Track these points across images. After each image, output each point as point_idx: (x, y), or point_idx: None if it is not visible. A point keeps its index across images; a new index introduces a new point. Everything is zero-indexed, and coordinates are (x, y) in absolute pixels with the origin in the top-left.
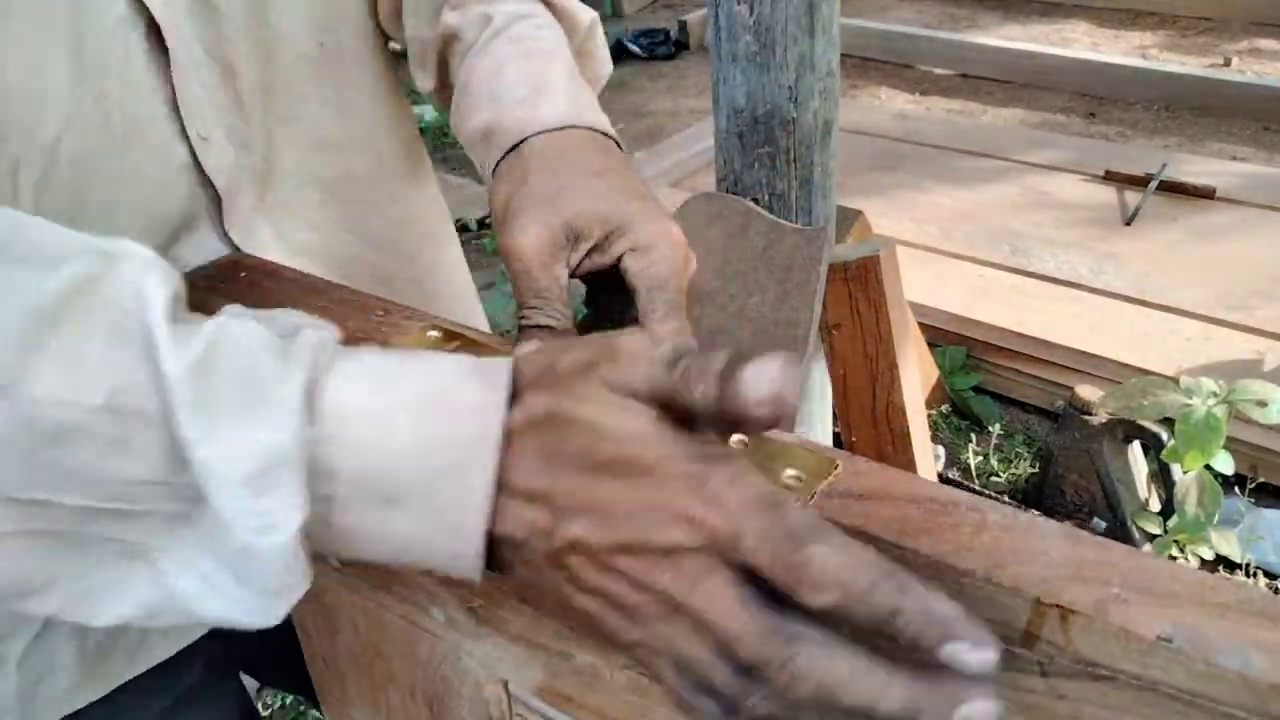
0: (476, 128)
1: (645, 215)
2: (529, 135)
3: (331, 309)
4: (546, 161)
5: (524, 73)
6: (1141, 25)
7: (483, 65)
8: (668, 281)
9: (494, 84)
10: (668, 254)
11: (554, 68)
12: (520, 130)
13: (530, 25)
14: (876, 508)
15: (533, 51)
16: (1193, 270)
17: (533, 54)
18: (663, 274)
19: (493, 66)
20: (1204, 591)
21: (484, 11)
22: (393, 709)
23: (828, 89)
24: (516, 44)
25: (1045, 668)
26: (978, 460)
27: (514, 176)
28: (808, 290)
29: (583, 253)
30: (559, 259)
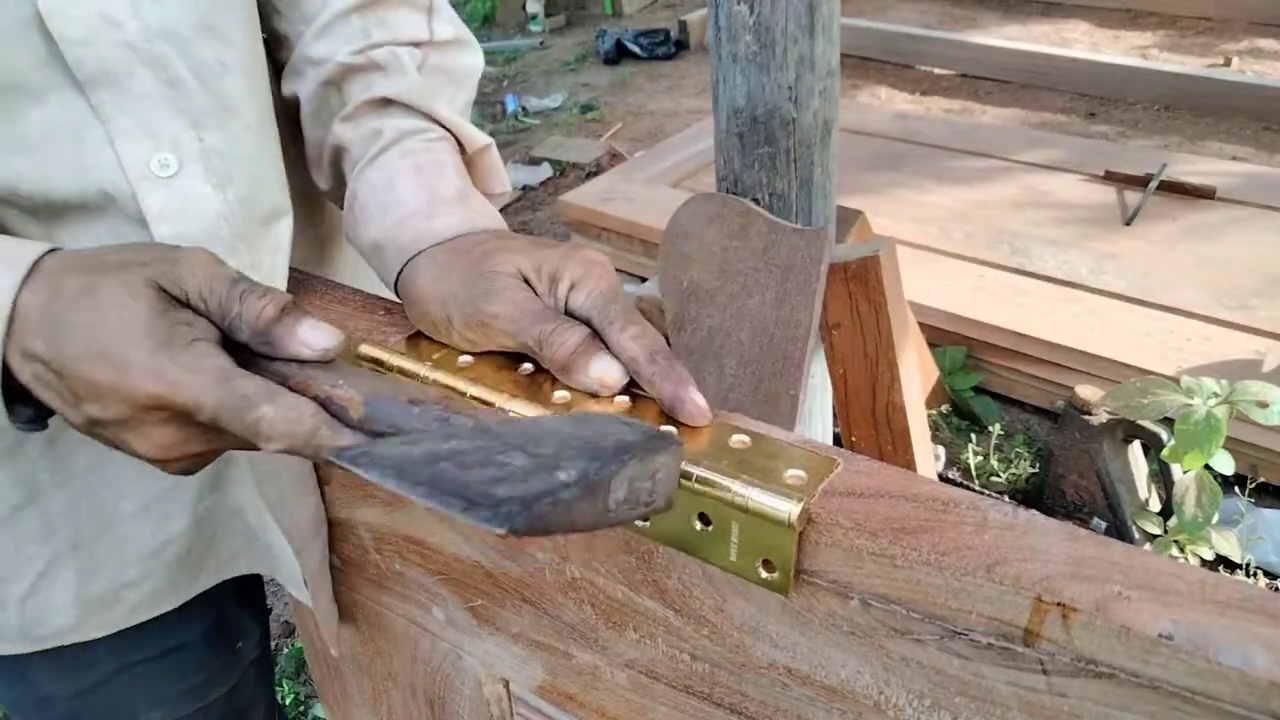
0: (371, 240)
1: (567, 253)
2: (424, 249)
3: (333, 308)
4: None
5: (417, 187)
6: (1141, 25)
7: (374, 178)
8: (612, 294)
9: (385, 198)
10: (601, 273)
11: (446, 179)
12: (416, 243)
13: (420, 140)
14: (877, 506)
15: (424, 165)
16: (1193, 270)
17: (424, 167)
18: (604, 290)
19: (385, 180)
20: (1205, 589)
21: (375, 126)
22: (394, 708)
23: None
24: (407, 157)
25: (1046, 665)
26: (978, 460)
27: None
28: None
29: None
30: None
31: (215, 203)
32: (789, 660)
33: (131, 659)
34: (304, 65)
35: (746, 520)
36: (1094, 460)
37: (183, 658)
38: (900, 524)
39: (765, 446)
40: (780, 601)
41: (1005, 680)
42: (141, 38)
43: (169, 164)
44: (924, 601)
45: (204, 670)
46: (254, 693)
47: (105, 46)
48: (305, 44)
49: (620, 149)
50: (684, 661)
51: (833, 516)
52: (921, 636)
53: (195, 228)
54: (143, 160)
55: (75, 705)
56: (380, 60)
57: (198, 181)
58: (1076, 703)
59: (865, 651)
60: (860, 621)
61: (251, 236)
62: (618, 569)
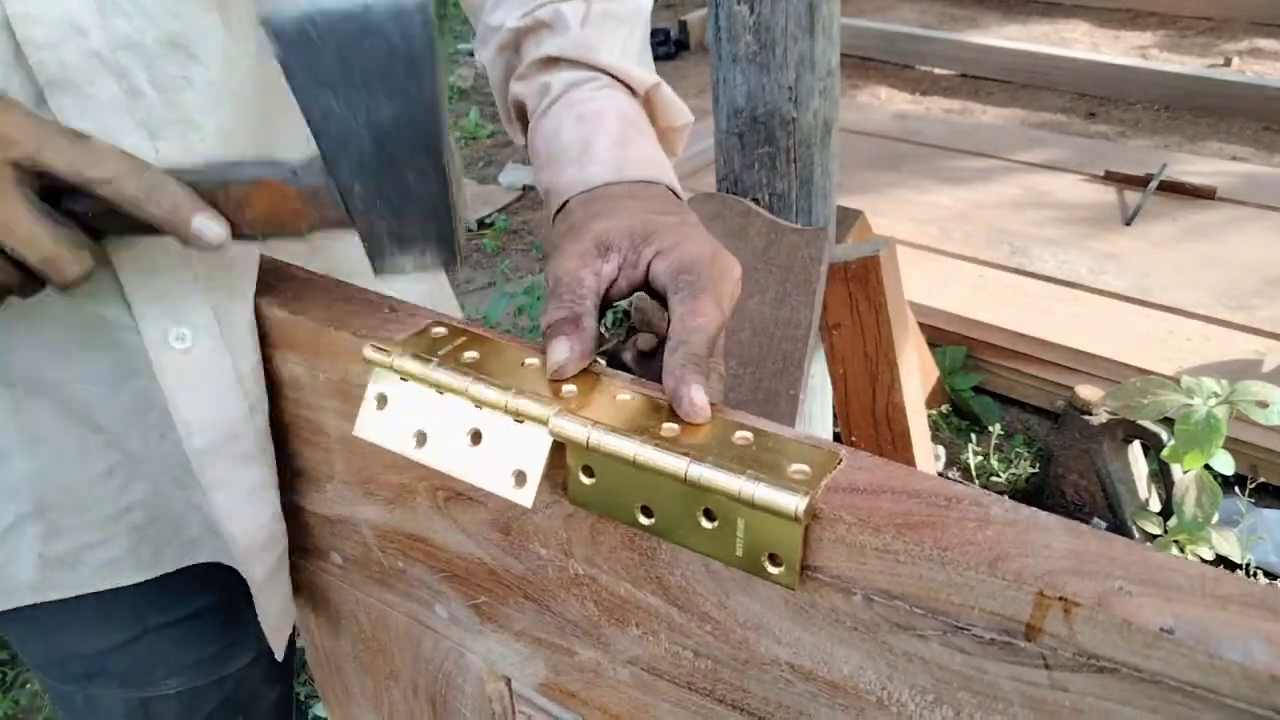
0: (543, 187)
1: (674, 226)
2: (575, 193)
3: (338, 306)
4: (588, 206)
5: (576, 134)
6: (1141, 25)
7: (545, 128)
8: (692, 264)
9: (552, 146)
10: (691, 248)
11: (605, 127)
12: (569, 189)
13: (587, 90)
14: (880, 502)
15: (586, 114)
16: (1193, 270)
17: (586, 116)
18: (686, 260)
19: (552, 129)
20: (1205, 584)
21: (544, 81)
22: (395, 706)
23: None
24: (571, 108)
25: (1048, 660)
26: (978, 460)
27: (562, 227)
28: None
29: (614, 266)
30: (586, 266)
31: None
32: (792, 656)
33: (152, 623)
34: (486, 34)
35: (752, 515)
36: (1094, 460)
37: (202, 625)
38: (903, 520)
39: (769, 442)
40: (783, 597)
41: (1008, 675)
42: (106, 47)
43: None
44: (927, 597)
45: (223, 639)
46: (269, 675)
47: (69, 52)
48: (486, 13)
49: None
50: (687, 658)
51: (836, 512)
52: (924, 632)
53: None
54: None
55: (94, 664)
56: (545, 19)
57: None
58: (1078, 697)
59: (868, 647)
60: (863, 617)
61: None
62: (620, 565)
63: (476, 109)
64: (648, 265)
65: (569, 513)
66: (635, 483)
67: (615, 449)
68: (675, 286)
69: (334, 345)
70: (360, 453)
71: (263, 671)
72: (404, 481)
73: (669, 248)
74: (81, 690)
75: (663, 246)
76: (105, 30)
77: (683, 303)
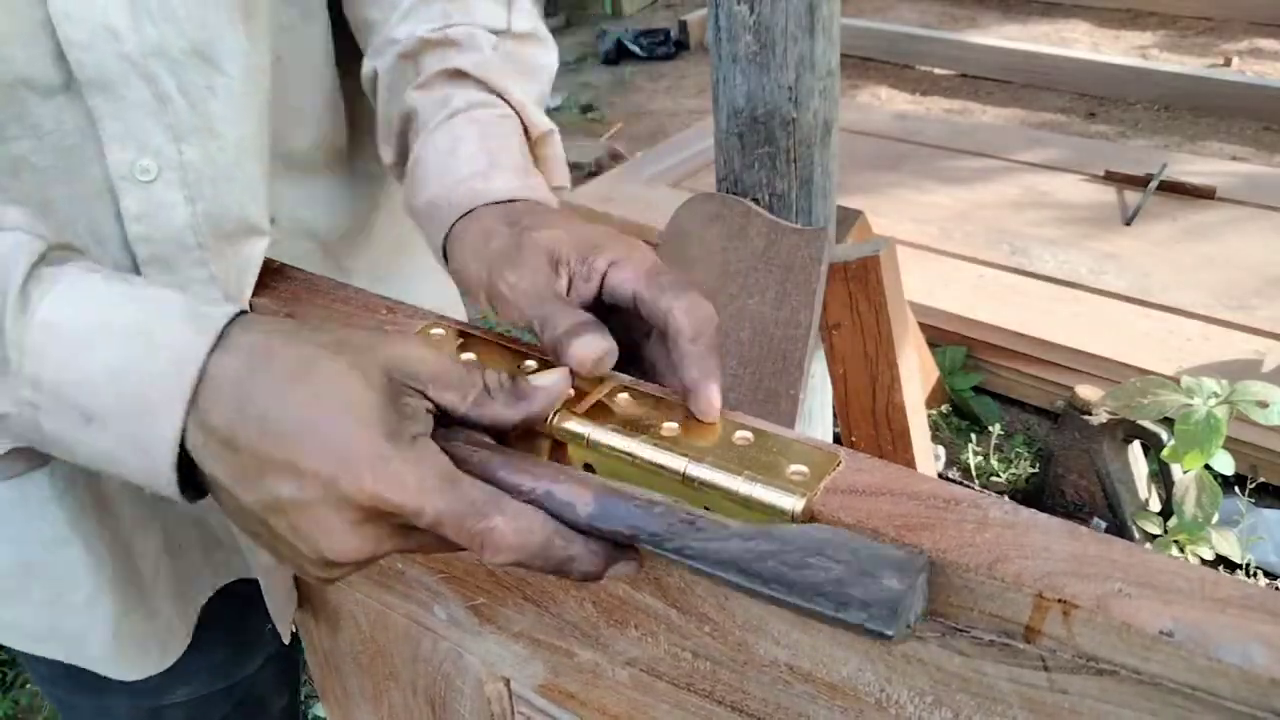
0: (426, 198)
1: (615, 236)
2: (477, 207)
3: (337, 308)
4: (503, 221)
5: (480, 150)
6: (1141, 25)
7: (439, 141)
8: (656, 267)
9: (446, 160)
10: (646, 255)
11: (510, 149)
12: (470, 201)
13: (488, 112)
14: (879, 504)
15: (490, 134)
16: (1193, 270)
17: (490, 135)
18: (648, 266)
19: (448, 143)
20: (1205, 587)
21: (446, 93)
22: (394, 706)
23: (828, 89)
24: (474, 124)
25: (1047, 662)
26: (978, 460)
27: (475, 243)
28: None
29: (565, 282)
30: (551, 283)
31: (184, 212)
32: (791, 658)
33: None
34: (384, 45)
35: (750, 516)
36: (1094, 460)
37: (212, 633)
38: (902, 521)
39: (768, 443)
40: None
41: (1006, 677)
42: (138, 52)
43: (149, 170)
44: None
45: (233, 646)
46: (277, 681)
47: (105, 55)
48: (391, 27)
49: (620, 149)
50: (685, 659)
51: (835, 513)
52: (923, 633)
53: (163, 231)
54: (127, 163)
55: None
56: (457, 37)
57: (171, 190)
58: (1077, 699)
59: (867, 649)
60: None
61: (218, 250)
62: None
63: None
64: (601, 277)
65: None
66: (634, 481)
67: (615, 447)
68: (657, 286)
69: None
70: None
71: (271, 677)
72: None
73: (623, 257)
74: (89, 702)
75: (615, 256)
76: (137, 35)
77: (676, 298)
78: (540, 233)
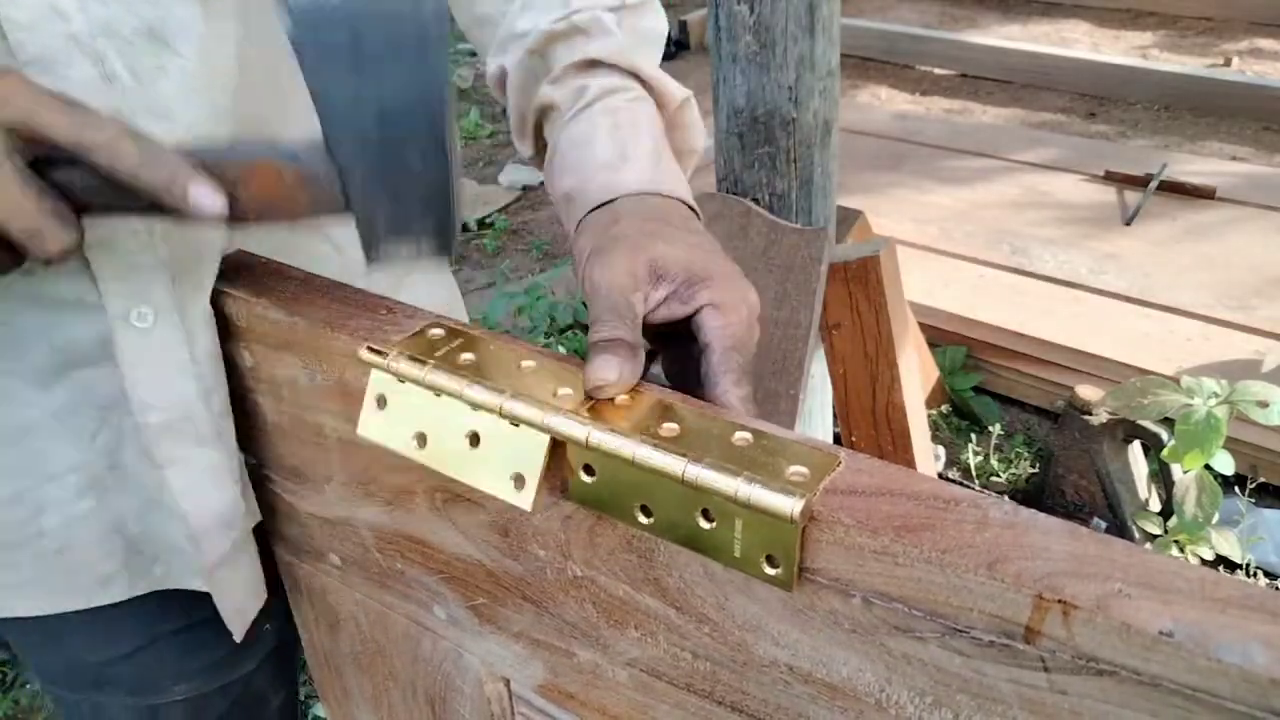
0: (564, 190)
1: (729, 275)
2: (612, 198)
3: (336, 307)
4: (634, 214)
5: (613, 141)
6: (1141, 25)
7: (575, 132)
8: (744, 344)
9: (584, 150)
10: (746, 317)
11: (641, 138)
12: (605, 193)
13: (622, 98)
14: (879, 504)
15: (622, 122)
16: (1193, 270)
17: (622, 125)
18: (740, 336)
19: (584, 134)
20: (1205, 587)
21: (580, 84)
22: (394, 707)
23: (828, 89)
24: (608, 114)
25: (1047, 663)
26: (978, 460)
27: (599, 226)
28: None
29: (661, 295)
30: (638, 288)
31: None
32: (790, 658)
33: (159, 630)
34: (510, 41)
35: (750, 517)
36: (1094, 460)
37: (210, 631)
38: (902, 522)
39: (767, 443)
40: (782, 599)
41: (1006, 678)
42: (85, 32)
43: None
44: (925, 599)
45: (230, 645)
46: (275, 678)
47: (48, 35)
48: (510, 21)
49: None
50: (685, 660)
51: (834, 514)
52: (923, 634)
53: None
54: None
55: (103, 672)
56: (583, 24)
57: None
58: (1077, 700)
59: (867, 649)
60: (862, 619)
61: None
62: (619, 567)
63: (477, 109)
64: (696, 311)
65: (567, 514)
66: (634, 481)
67: (615, 448)
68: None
69: (331, 347)
70: (359, 454)
71: (269, 675)
72: (403, 483)
73: (724, 304)
74: (88, 699)
75: (717, 300)
76: (84, 15)
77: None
78: (655, 243)
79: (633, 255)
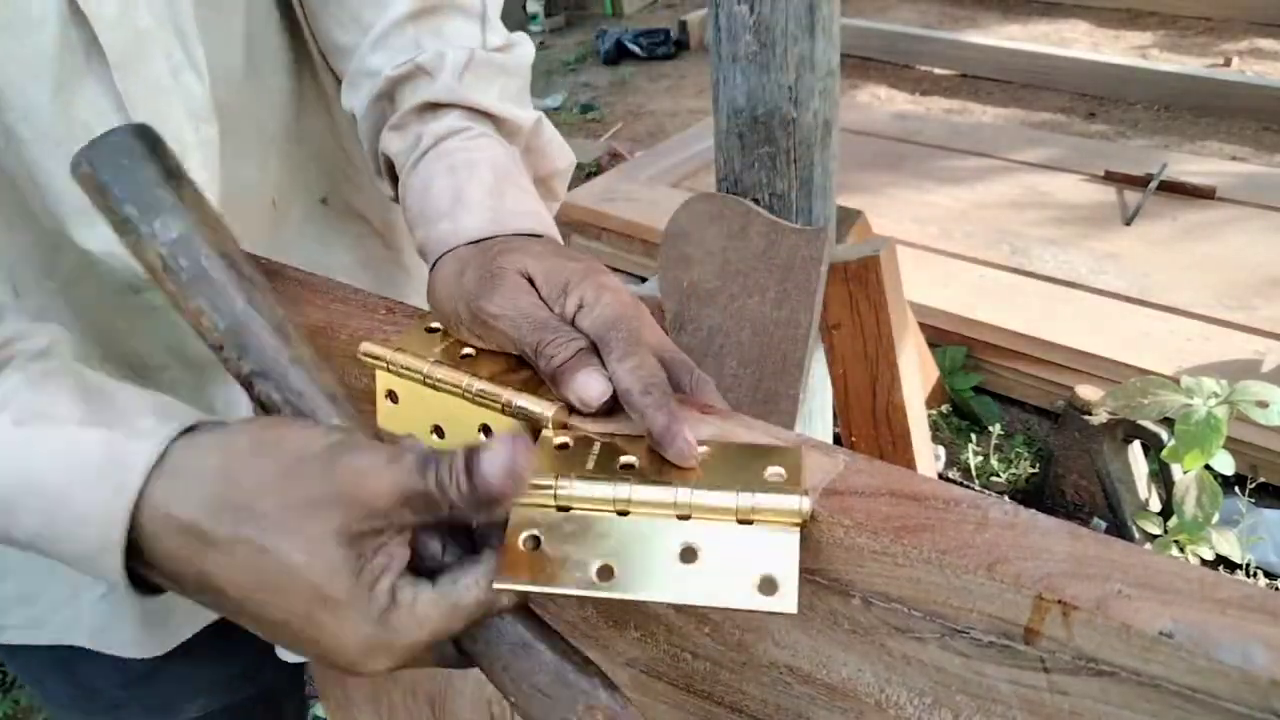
0: (419, 243)
1: (585, 271)
2: (452, 248)
3: (335, 308)
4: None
5: (447, 186)
6: (1141, 25)
7: (414, 182)
8: (618, 320)
9: (422, 202)
10: (613, 299)
11: (475, 180)
12: (442, 245)
13: (458, 140)
14: (879, 505)
15: (456, 165)
16: (1193, 270)
17: (456, 168)
18: (610, 316)
19: (421, 185)
20: (1205, 587)
21: (418, 131)
22: (394, 707)
23: (828, 89)
24: (441, 159)
25: (1047, 663)
26: (978, 460)
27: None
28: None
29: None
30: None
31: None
32: (790, 659)
33: (175, 650)
34: (360, 79)
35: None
36: (1094, 460)
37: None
38: (901, 523)
39: (767, 445)
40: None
41: (1006, 678)
42: (155, 25)
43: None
44: (925, 600)
45: (239, 662)
46: (287, 687)
47: (130, 30)
48: (362, 56)
49: (620, 149)
50: (685, 660)
51: (834, 515)
52: (923, 635)
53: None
54: None
55: (120, 696)
56: (426, 64)
57: (196, 170)
58: (1077, 700)
59: (866, 650)
60: (861, 620)
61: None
62: None
63: None
64: (572, 318)
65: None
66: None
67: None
68: (608, 344)
69: (331, 347)
70: None
71: (284, 684)
72: None
73: (590, 301)
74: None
75: (584, 299)
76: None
77: (621, 359)
78: (511, 258)
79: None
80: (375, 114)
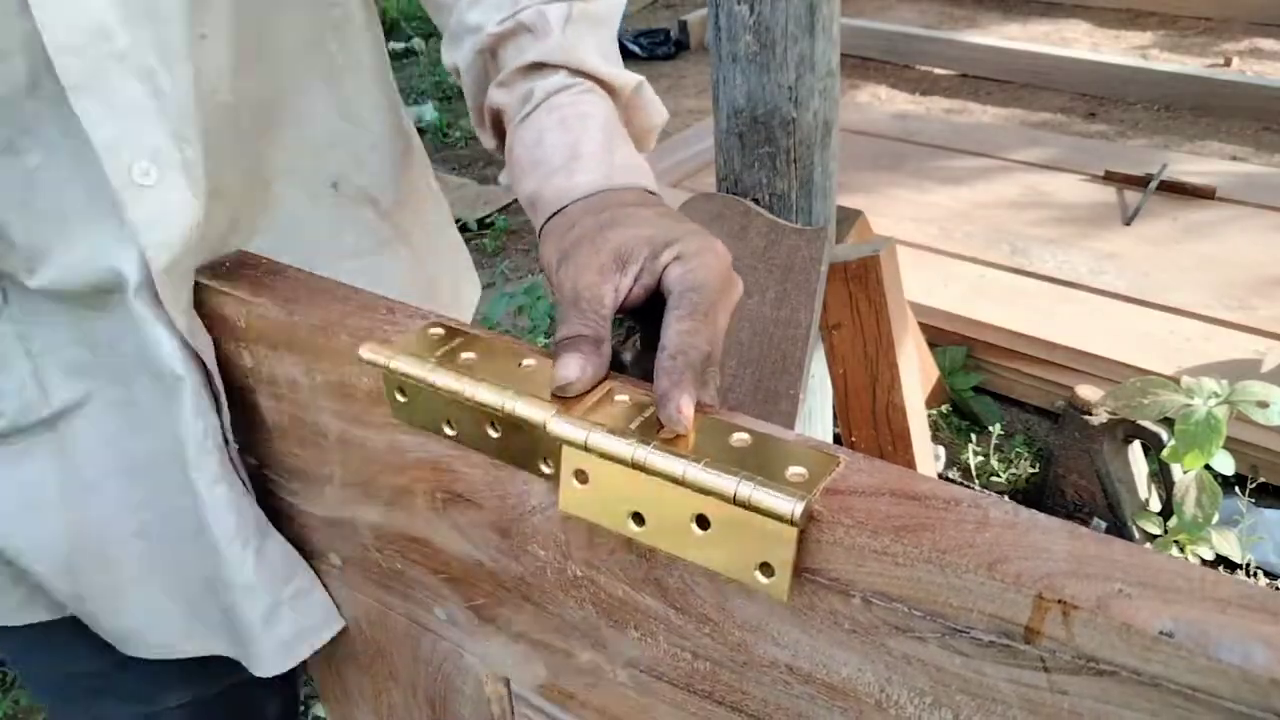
0: (525, 195)
1: (693, 234)
2: (568, 203)
3: (336, 307)
4: (588, 211)
5: (560, 142)
6: (1141, 25)
7: (526, 136)
8: (703, 285)
9: (535, 154)
10: (710, 262)
11: (588, 135)
12: (559, 199)
13: (568, 94)
14: (879, 504)
15: (569, 119)
16: (1193, 270)
17: (569, 121)
18: (699, 279)
19: (534, 137)
20: (1205, 587)
21: (527, 88)
22: (394, 707)
23: (828, 89)
24: (553, 113)
25: (1047, 663)
26: (978, 460)
27: (558, 232)
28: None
29: (632, 276)
30: (607, 281)
31: (197, 211)
32: (790, 659)
33: None
34: (461, 33)
35: (745, 524)
36: (1094, 460)
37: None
38: (901, 522)
39: (766, 444)
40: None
41: (1006, 678)
42: (132, 45)
43: (149, 172)
44: (925, 599)
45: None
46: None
47: (96, 57)
48: (461, 11)
49: None
50: (685, 660)
51: (834, 515)
52: (923, 634)
53: (177, 234)
54: (124, 168)
55: (101, 681)
56: (527, 22)
57: (180, 190)
58: (1077, 700)
59: (867, 649)
60: (862, 620)
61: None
62: (619, 567)
63: None
64: (663, 269)
65: (567, 514)
66: (631, 484)
67: (611, 451)
68: (678, 301)
69: (331, 346)
70: (358, 454)
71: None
72: (402, 483)
73: (688, 254)
74: (86, 709)
75: (683, 252)
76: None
77: (680, 320)
78: (615, 231)
79: (595, 251)
80: (478, 69)
